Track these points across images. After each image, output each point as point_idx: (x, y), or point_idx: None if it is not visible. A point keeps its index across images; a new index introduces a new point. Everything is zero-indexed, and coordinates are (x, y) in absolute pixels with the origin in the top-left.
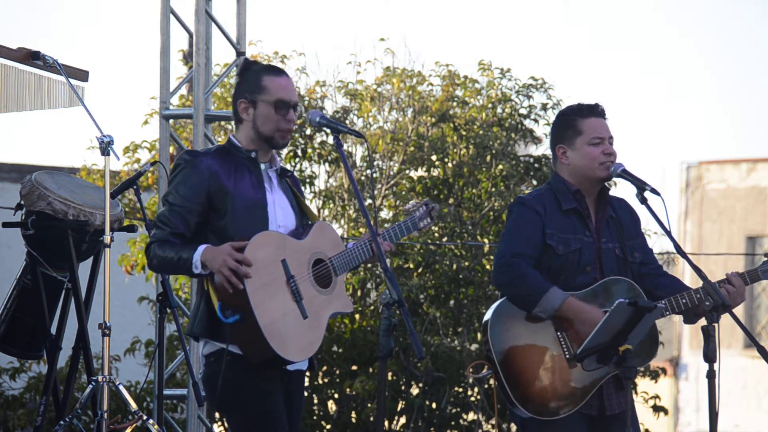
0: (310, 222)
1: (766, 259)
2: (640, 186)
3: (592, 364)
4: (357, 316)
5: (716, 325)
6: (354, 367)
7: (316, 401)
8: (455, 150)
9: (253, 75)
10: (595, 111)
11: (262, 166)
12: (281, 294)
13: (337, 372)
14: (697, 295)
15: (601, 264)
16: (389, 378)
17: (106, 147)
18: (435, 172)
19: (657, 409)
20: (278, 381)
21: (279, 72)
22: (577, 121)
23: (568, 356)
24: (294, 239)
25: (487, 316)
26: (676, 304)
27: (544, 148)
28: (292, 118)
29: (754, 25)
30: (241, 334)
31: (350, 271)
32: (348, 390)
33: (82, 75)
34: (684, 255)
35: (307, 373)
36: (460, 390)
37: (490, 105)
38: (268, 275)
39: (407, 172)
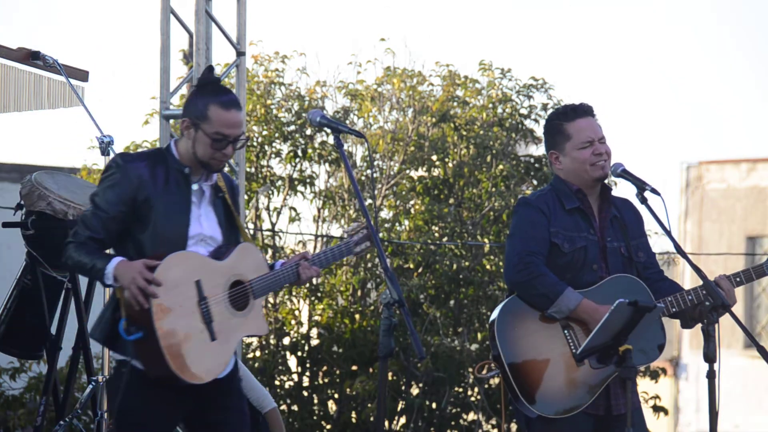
0: (241, 240)
1: None
2: (640, 186)
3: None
4: (357, 316)
5: (716, 325)
6: (354, 367)
7: (316, 401)
8: (455, 150)
9: (203, 100)
10: (580, 112)
11: (195, 186)
12: (190, 315)
13: (337, 372)
14: (696, 294)
15: (607, 262)
16: (389, 378)
17: (106, 147)
18: (435, 172)
19: (657, 409)
20: (178, 401)
21: (227, 105)
22: (564, 126)
23: (575, 355)
24: (213, 260)
25: (494, 315)
26: (676, 303)
27: (544, 148)
28: (228, 152)
29: (754, 24)
30: (142, 352)
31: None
32: (348, 390)
33: (82, 75)
34: (684, 255)
35: (307, 374)
36: (460, 390)
37: (490, 105)
38: (179, 295)
39: (407, 172)
